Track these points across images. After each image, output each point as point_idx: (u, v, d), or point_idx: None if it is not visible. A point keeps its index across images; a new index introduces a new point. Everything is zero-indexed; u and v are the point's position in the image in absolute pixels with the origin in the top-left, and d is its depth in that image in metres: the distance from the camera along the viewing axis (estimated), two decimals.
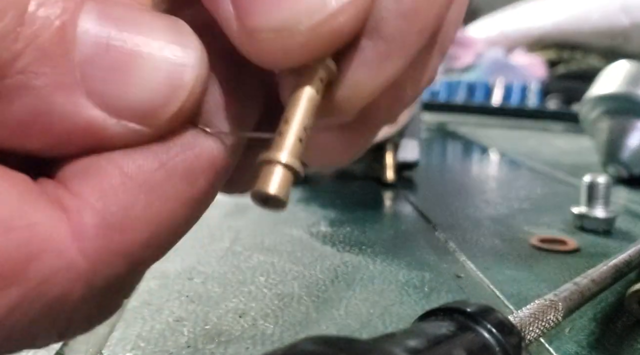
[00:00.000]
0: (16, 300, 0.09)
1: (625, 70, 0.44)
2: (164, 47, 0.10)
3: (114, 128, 0.10)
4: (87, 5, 0.09)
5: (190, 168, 0.11)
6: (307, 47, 0.10)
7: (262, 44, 0.10)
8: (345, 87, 0.11)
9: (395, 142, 0.42)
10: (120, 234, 0.10)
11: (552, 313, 0.17)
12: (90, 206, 0.10)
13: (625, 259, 0.21)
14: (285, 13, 0.10)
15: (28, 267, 0.09)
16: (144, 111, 0.10)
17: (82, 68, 0.09)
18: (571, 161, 0.54)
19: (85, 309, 0.11)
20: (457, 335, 0.12)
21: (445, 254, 0.27)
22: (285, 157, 0.10)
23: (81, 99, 0.09)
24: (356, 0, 0.10)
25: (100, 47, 0.09)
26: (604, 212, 0.30)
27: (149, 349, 0.17)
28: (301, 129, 0.11)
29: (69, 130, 0.10)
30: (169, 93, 0.10)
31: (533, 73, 1.03)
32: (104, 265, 0.10)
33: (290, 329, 0.19)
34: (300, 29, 0.10)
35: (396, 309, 0.20)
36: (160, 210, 0.10)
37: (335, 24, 0.10)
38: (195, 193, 0.11)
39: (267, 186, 0.10)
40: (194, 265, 0.24)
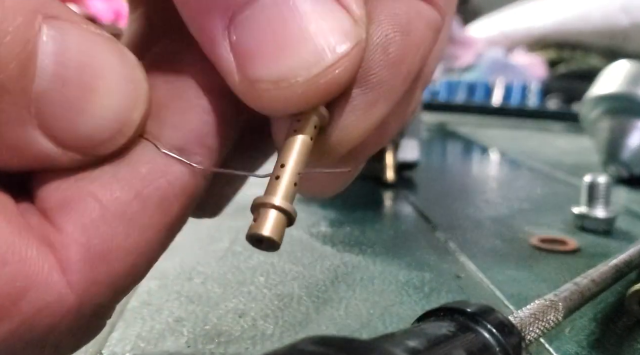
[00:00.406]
0: (7, 333, 0.09)
1: (626, 70, 0.44)
2: (117, 84, 0.10)
3: (61, 157, 0.10)
4: (44, 33, 0.09)
5: (164, 195, 0.11)
6: (304, 98, 0.11)
7: (262, 93, 0.11)
8: (336, 132, 0.12)
9: (395, 142, 0.42)
10: (103, 265, 0.10)
11: (552, 313, 0.17)
12: (75, 241, 0.10)
13: (626, 259, 0.21)
14: (285, 66, 0.10)
15: (20, 301, 0.09)
16: (91, 145, 0.10)
17: (37, 103, 0.10)
18: (571, 161, 0.54)
19: (71, 335, 0.11)
20: (457, 335, 0.12)
21: (446, 254, 0.27)
22: (281, 202, 0.11)
23: (33, 132, 0.10)
24: (351, 54, 0.11)
25: (57, 83, 0.10)
26: (604, 212, 0.30)
27: (149, 349, 0.17)
28: (295, 174, 0.11)
29: (21, 156, 0.10)
30: (118, 129, 0.11)
31: (533, 73, 1.03)
32: (91, 296, 0.10)
33: (290, 329, 0.19)
34: (298, 81, 0.11)
35: (396, 309, 0.20)
36: (138, 239, 0.11)
37: (332, 76, 0.11)
38: (169, 220, 0.11)
39: (262, 229, 0.11)
40: (193, 266, 0.24)
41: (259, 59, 0.10)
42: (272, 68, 0.10)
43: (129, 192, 0.11)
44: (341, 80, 0.11)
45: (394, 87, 0.12)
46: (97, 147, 0.11)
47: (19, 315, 0.09)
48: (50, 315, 0.10)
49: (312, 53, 0.10)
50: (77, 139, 0.10)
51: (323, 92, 0.11)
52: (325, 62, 0.11)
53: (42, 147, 0.10)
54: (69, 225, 0.10)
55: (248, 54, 0.10)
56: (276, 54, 0.10)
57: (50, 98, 0.10)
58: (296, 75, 0.10)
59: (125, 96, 0.11)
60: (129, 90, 0.11)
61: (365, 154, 0.14)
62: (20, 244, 0.09)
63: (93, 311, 0.11)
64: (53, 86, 0.10)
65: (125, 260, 0.11)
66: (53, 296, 0.10)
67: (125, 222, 0.11)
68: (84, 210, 0.10)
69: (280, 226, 0.11)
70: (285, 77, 0.10)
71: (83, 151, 0.10)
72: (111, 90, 0.10)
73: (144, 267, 0.11)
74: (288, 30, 0.10)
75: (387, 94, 0.12)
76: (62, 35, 0.10)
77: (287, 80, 0.10)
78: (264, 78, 0.11)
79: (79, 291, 0.10)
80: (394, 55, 0.12)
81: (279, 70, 0.10)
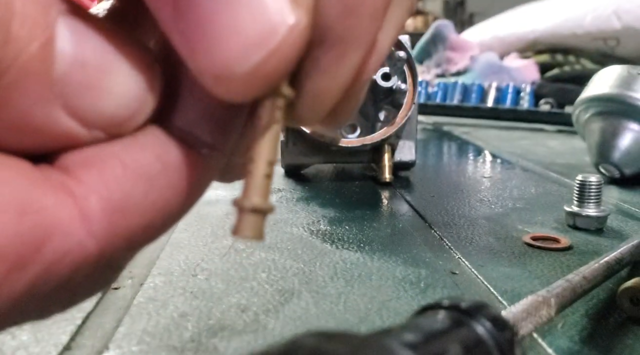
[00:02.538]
0: (32, 279, 0.10)
1: (617, 73, 0.44)
2: (132, 65, 0.11)
3: (86, 135, 0.11)
4: (61, 22, 0.10)
5: (184, 161, 0.12)
6: (250, 88, 0.11)
7: (210, 84, 0.11)
8: (307, 102, 0.12)
9: (392, 143, 0.42)
10: (122, 218, 0.11)
11: (545, 309, 0.17)
12: (96, 192, 0.10)
13: (617, 257, 0.22)
14: (220, 58, 0.10)
15: (42, 248, 0.10)
16: (113, 123, 0.11)
17: (60, 83, 0.10)
18: (564, 161, 0.54)
19: (87, 284, 0.12)
20: (452, 330, 0.12)
21: (441, 252, 0.27)
22: (256, 202, 0.11)
23: (58, 112, 0.10)
24: (293, 30, 0.10)
25: (77, 65, 0.10)
26: (596, 211, 0.31)
27: (154, 343, 0.18)
28: (266, 166, 0.11)
29: (47, 136, 0.10)
30: (138, 108, 0.11)
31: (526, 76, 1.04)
32: (109, 246, 0.11)
33: (291, 323, 0.19)
34: (237, 73, 0.10)
35: (393, 304, 0.21)
36: (157, 198, 0.11)
37: (275, 60, 0.10)
38: (187, 184, 0.12)
39: (241, 231, 0.11)
40: (197, 263, 0.25)
41: (201, 50, 0.10)
42: (211, 60, 0.10)
43: (150, 154, 0.11)
44: (284, 63, 0.10)
45: (360, 33, 0.11)
46: (119, 125, 0.11)
47: (42, 262, 0.10)
48: (71, 262, 0.10)
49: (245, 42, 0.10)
50: (99, 117, 0.11)
51: (268, 78, 0.10)
52: (260, 50, 0.10)
53: (68, 126, 0.10)
54: (90, 178, 0.10)
55: (193, 44, 0.10)
56: (213, 44, 0.10)
57: (72, 79, 0.10)
58: (234, 68, 0.10)
59: (141, 77, 0.11)
60: (145, 71, 0.11)
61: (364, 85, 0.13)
62: (37, 193, 0.10)
63: (109, 261, 0.11)
64: (73, 68, 0.10)
65: (143, 217, 0.11)
66: (74, 243, 0.10)
67: (145, 181, 0.11)
68: (105, 167, 0.11)
69: (257, 224, 0.11)
70: (224, 70, 0.10)
71: (106, 129, 0.11)
72: (128, 71, 0.11)
73: (160, 226, 0.12)
74: (222, 18, 0.10)
75: (354, 42, 0.11)
76: (77, 24, 0.10)
77: (227, 72, 0.10)
78: (208, 70, 0.10)
79: (98, 240, 0.10)
80: (350, 1, 0.11)
81: (218, 62, 0.10)
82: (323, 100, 0.12)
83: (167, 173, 0.11)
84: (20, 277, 0.10)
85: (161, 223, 0.12)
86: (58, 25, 0.10)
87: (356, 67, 0.12)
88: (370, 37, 0.12)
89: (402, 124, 0.41)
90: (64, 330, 0.18)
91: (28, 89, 0.10)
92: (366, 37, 0.11)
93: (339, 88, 0.12)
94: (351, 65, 0.11)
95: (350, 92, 0.12)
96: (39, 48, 0.10)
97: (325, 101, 0.12)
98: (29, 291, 0.10)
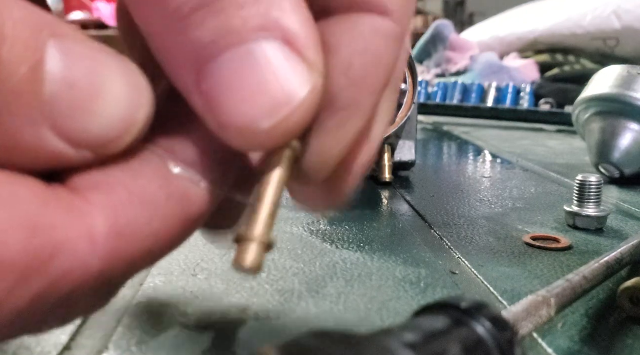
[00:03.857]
0: (37, 292, 0.10)
1: (617, 73, 0.44)
2: (120, 87, 0.11)
3: (74, 155, 0.11)
4: (51, 45, 0.10)
5: (184, 194, 0.12)
6: (269, 141, 0.12)
7: (232, 137, 0.12)
8: (312, 158, 0.13)
9: (392, 143, 0.42)
10: (126, 242, 0.11)
11: (545, 309, 0.17)
12: (103, 214, 0.11)
13: (617, 257, 0.22)
14: (249, 115, 0.11)
15: (49, 264, 0.10)
16: (100, 143, 0.11)
17: (49, 105, 0.10)
18: (564, 161, 0.54)
19: (84, 302, 0.12)
20: (452, 330, 0.12)
21: (441, 252, 0.27)
22: (259, 235, 0.12)
23: (47, 133, 0.11)
24: (307, 99, 0.12)
25: (66, 86, 0.11)
26: (596, 210, 0.31)
27: (154, 344, 0.18)
28: (272, 206, 0.12)
29: (37, 156, 0.11)
30: (124, 129, 0.12)
31: (526, 76, 1.04)
32: (110, 267, 0.11)
33: (291, 323, 0.19)
34: (261, 129, 0.11)
35: (393, 305, 0.21)
36: (159, 226, 0.12)
37: (292, 120, 0.12)
38: (187, 215, 0.13)
39: (243, 262, 0.12)
40: (198, 262, 0.25)
41: (225, 108, 0.11)
42: (237, 117, 0.11)
43: (155, 184, 0.12)
44: (302, 122, 0.12)
45: (361, 104, 0.13)
46: (107, 145, 0.11)
47: (48, 277, 0.10)
48: (75, 280, 0.11)
49: (271, 104, 0.11)
50: (87, 137, 0.11)
51: (286, 134, 0.12)
52: (284, 111, 0.11)
53: (56, 146, 0.11)
54: (98, 200, 0.11)
55: (216, 103, 0.11)
56: (239, 104, 0.11)
57: (61, 100, 0.11)
58: (259, 124, 0.11)
59: (129, 98, 0.11)
60: (132, 93, 0.11)
61: (354, 169, 0.14)
62: (49, 212, 0.10)
63: (107, 282, 0.12)
64: (62, 89, 0.11)
65: (145, 242, 0.12)
66: (79, 261, 0.10)
67: (149, 208, 0.12)
68: (113, 193, 0.11)
69: (259, 257, 0.12)
70: (249, 126, 0.11)
71: (94, 149, 0.11)
72: (115, 92, 0.11)
73: (159, 253, 0.12)
74: (249, 82, 0.11)
75: (357, 111, 0.13)
76: (67, 46, 0.11)
77: (251, 128, 0.11)
78: (232, 125, 0.12)
79: (101, 260, 0.11)
80: (355, 76, 0.12)
81: (243, 119, 0.11)
82: (325, 158, 0.13)
83: (169, 203, 0.12)
84: (26, 290, 0.10)
85: (159, 250, 0.12)
86: (48, 48, 0.10)
87: (356, 133, 0.13)
88: (370, 109, 0.13)
89: (402, 124, 0.41)
90: (63, 331, 0.18)
91: (17, 110, 0.10)
92: (366, 108, 0.13)
93: (340, 149, 0.13)
94: (352, 130, 0.13)
95: (345, 174, 0.14)
96: (28, 70, 0.10)
97: (327, 159, 0.13)
98: (32, 305, 0.10)
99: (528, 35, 1.12)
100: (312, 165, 0.13)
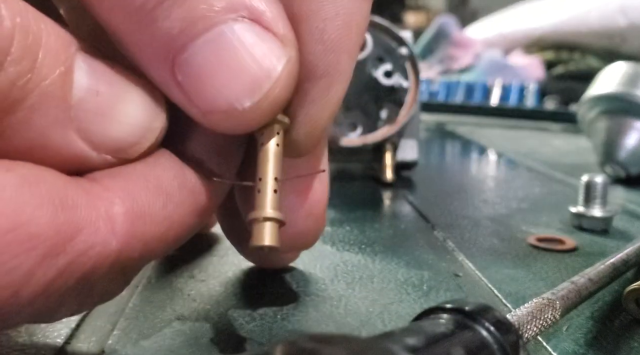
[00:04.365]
0: (61, 268, 0.11)
1: (623, 71, 0.44)
2: (139, 98, 0.12)
3: (96, 158, 0.12)
4: (79, 58, 0.12)
5: (196, 184, 0.13)
6: (256, 119, 0.12)
7: (216, 121, 0.12)
8: (302, 128, 0.14)
9: (394, 143, 0.42)
10: (142, 224, 0.12)
11: (550, 311, 0.17)
12: (120, 198, 0.12)
13: (623, 258, 0.21)
14: (230, 97, 0.12)
15: (73, 239, 0.11)
16: (120, 147, 0.12)
17: (75, 109, 0.12)
18: (569, 161, 0.54)
19: (101, 285, 0.13)
20: (456, 333, 0.12)
21: (444, 253, 0.27)
22: (268, 212, 0.13)
23: (72, 135, 0.12)
24: (284, 71, 0.12)
25: (92, 94, 0.12)
26: (602, 211, 0.31)
27: (150, 346, 0.17)
28: (273, 182, 0.13)
29: (60, 158, 0.12)
30: (142, 135, 0.13)
31: (531, 74, 1.03)
32: (127, 248, 0.12)
33: (290, 326, 0.19)
34: (246, 108, 0.12)
35: (395, 308, 0.21)
36: (172, 211, 0.13)
37: (274, 95, 0.12)
38: (198, 204, 0.13)
39: (261, 240, 0.12)
40: (195, 264, 0.24)
41: (206, 94, 0.12)
42: (219, 101, 0.12)
43: (169, 174, 0.13)
44: (283, 95, 0.12)
45: (340, 68, 0.13)
46: (126, 150, 0.12)
47: (71, 252, 0.11)
48: (94, 258, 0.11)
49: (250, 82, 0.12)
50: (108, 142, 0.12)
51: (271, 108, 0.12)
52: (264, 87, 0.12)
53: (80, 148, 0.12)
54: (116, 186, 0.12)
55: (195, 91, 0.12)
56: (219, 87, 0.12)
57: (86, 106, 0.12)
58: (242, 103, 0.12)
59: (147, 107, 0.13)
60: (150, 103, 0.13)
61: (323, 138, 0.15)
62: (72, 193, 0.11)
63: (124, 264, 0.12)
64: (87, 96, 0.12)
65: (160, 226, 0.12)
66: (99, 240, 0.11)
67: (163, 195, 0.13)
68: (129, 179, 0.12)
69: (274, 233, 0.12)
70: (233, 107, 0.12)
71: (114, 153, 0.12)
72: (135, 102, 0.12)
73: (172, 239, 0.13)
74: (225, 64, 0.12)
75: (336, 76, 0.13)
76: (93, 60, 0.12)
77: (235, 108, 0.12)
78: (215, 110, 0.12)
79: (119, 240, 0.12)
80: (330, 41, 0.13)
81: (226, 101, 0.12)
82: (314, 127, 0.14)
83: (182, 191, 0.13)
84: (52, 264, 0.11)
85: (173, 236, 0.13)
86: (76, 59, 0.12)
87: (341, 97, 0.14)
88: (349, 70, 0.14)
89: (404, 123, 0.40)
90: (59, 334, 0.18)
91: (48, 110, 0.11)
92: (345, 70, 0.14)
93: (328, 115, 0.14)
94: (336, 95, 0.14)
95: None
96: (59, 75, 0.11)
97: (316, 127, 0.14)
98: (55, 282, 0.11)
99: (532, 32, 1.12)
100: (303, 135, 0.14)
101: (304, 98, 0.13)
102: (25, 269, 0.10)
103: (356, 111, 0.42)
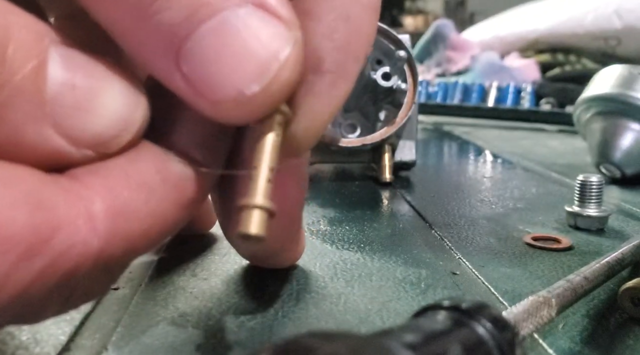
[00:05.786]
0: (40, 270, 0.11)
1: (618, 73, 0.44)
2: (118, 89, 0.12)
3: (75, 154, 0.12)
4: (52, 50, 0.11)
5: (180, 177, 0.13)
6: (264, 105, 0.12)
7: (225, 111, 0.12)
8: (303, 121, 0.13)
9: (392, 143, 0.42)
10: (123, 221, 0.12)
11: (546, 309, 0.17)
12: (101, 196, 0.11)
13: (618, 257, 0.22)
14: (238, 84, 0.12)
15: (50, 240, 0.11)
16: (100, 142, 0.12)
17: (51, 104, 0.11)
18: (565, 161, 0.54)
19: (85, 285, 0.12)
20: (453, 330, 0.12)
21: (442, 252, 0.27)
22: (259, 201, 0.12)
23: (48, 130, 0.11)
24: (292, 55, 0.12)
25: (67, 87, 0.11)
26: (597, 211, 0.31)
27: (153, 343, 0.18)
28: (268, 172, 0.12)
29: (36, 155, 0.11)
30: (123, 128, 0.12)
31: (527, 76, 1.03)
32: (109, 246, 0.12)
33: (290, 324, 0.19)
34: (254, 94, 0.12)
35: (393, 305, 0.21)
36: (155, 207, 0.12)
37: (282, 80, 0.12)
38: (183, 197, 0.13)
39: (248, 228, 0.12)
40: (197, 263, 0.24)
41: (213, 82, 0.12)
42: (227, 88, 0.12)
43: (151, 168, 0.12)
44: (290, 80, 0.12)
45: (347, 68, 0.13)
46: (106, 143, 0.12)
47: (49, 254, 0.11)
48: (75, 258, 0.11)
49: (258, 66, 0.12)
50: (87, 136, 0.12)
51: (278, 95, 0.12)
52: (272, 70, 0.12)
53: (57, 144, 0.11)
54: (95, 183, 0.12)
55: (201, 81, 0.12)
56: (226, 74, 0.11)
57: (61, 101, 0.11)
58: (251, 88, 0.12)
59: (126, 99, 0.12)
60: (129, 94, 0.12)
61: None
62: (48, 192, 0.11)
63: (107, 263, 0.12)
64: (63, 90, 0.11)
65: (142, 223, 0.12)
66: (79, 239, 0.11)
67: (145, 190, 0.12)
68: (110, 175, 0.12)
69: (262, 222, 0.12)
70: (242, 93, 0.12)
71: (94, 148, 0.12)
72: (113, 93, 0.12)
73: (156, 236, 0.13)
74: (231, 50, 0.11)
75: (342, 75, 0.13)
76: (68, 53, 0.11)
77: (244, 95, 0.12)
78: (222, 99, 0.12)
79: (100, 239, 0.11)
80: (339, 40, 0.13)
81: (234, 88, 0.12)
82: (316, 121, 0.13)
83: (166, 186, 0.12)
84: (29, 265, 0.10)
85: (157, 232, 0.13)
86: (50, 51, 0.11)
87: (344, 97, 0.14)
88: (354, 74, 0.14)
89: (402, 124, 0.41)
90: (63, 331, 0.18)
91: (21, 106, 0.11)
92: (351, 73, 0.14)
93: (330, 112, 0.14)
94: (340, 93, 0.13)
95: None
96: (31, 70, 0.11)
97: (318, 122, 0.13)
98: (35, 283, 0.11)
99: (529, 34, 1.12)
100: (303, 129, 0.13)
101: (308, 90, 0.13)
102: (0, 273, 0.10)
103: (355, 112, 0.42)
